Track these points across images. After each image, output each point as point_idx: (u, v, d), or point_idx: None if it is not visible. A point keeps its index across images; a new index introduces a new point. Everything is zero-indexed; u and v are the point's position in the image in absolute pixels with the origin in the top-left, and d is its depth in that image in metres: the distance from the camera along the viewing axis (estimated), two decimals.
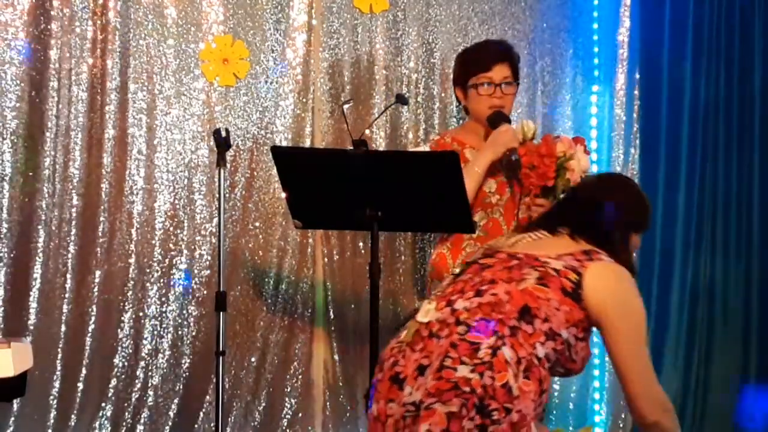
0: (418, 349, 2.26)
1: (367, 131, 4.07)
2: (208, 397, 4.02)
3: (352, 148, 2.85)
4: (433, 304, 2.33)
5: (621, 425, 4.41)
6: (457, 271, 2.45)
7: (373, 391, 2.32)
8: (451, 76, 3.54)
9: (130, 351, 3.99)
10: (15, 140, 3.88)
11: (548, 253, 2.33)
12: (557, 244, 2.38)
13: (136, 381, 3.99)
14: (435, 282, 3.34)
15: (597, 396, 4.41)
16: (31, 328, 3.87)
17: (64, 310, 3.92)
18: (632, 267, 2.41)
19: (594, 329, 2.35)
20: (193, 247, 4.06)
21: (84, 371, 3.93)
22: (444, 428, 2.12)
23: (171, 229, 4.04)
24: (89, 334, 3.95)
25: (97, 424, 3.94)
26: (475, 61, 3.33)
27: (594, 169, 4.47)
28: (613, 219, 2.42)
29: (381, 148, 4.14)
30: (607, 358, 3.71)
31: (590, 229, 2.39)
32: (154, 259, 4.02)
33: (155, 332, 4.02)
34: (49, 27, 3.91)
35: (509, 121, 3.26)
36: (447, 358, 2.18)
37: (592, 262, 2.30)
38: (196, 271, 4.06)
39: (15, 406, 3.84)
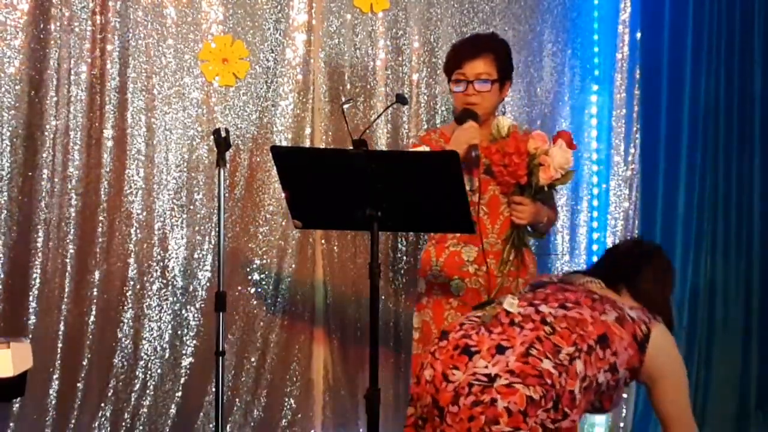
0: (496, 332, 2.40)
1: (368, 131, 4.07)
2: (207, 397, 4.02)
3: (352, 148, 2.85)
4: (516, 300, 2.52)
5: (621, 425, 4.41)
6: (532, 283, 2.73)
7: (427, 357, 2.45)
8: None
9: (130, 351, 4.00)
10: (14, 140, 3.88)
11: (623, 302, 2.59)
12: (624, 300, 2.63)
13: (136, 381, 3.99)
14: (420, 279, 3.36)
15: None
16: (31, 328, 3.87)
17: (64, 310, 3.92)
18: (672, 324, 2.71)
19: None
20: (192, 247, 4.06)
21: (83, 371, 3.93)
22: (521, 409, 2.23)
23: (170, 229, 4.04)
24: (88, 334, 3.95)
25: (96, 424, 3.93)
26: (450, 59, 3.32)
27: (594, 169, 4.48)
28: (659, 282, 2.73)
29: (381, 148, 4.14)
30: None
31: (645, 291, 2.68)
32: (154, 259, 4.02)
33: (155, 332, 4.02)
34: (48, 27, 3.90)
35: (477, 118, 3.18)
36: (533, 348, 2.33)
37: (656, 323, 2.57)
38: (195, 271, 4.06)
39: (14, 406, 3.84)
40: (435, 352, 2.41)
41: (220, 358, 3.34)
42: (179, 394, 4.03)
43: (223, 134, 3.38)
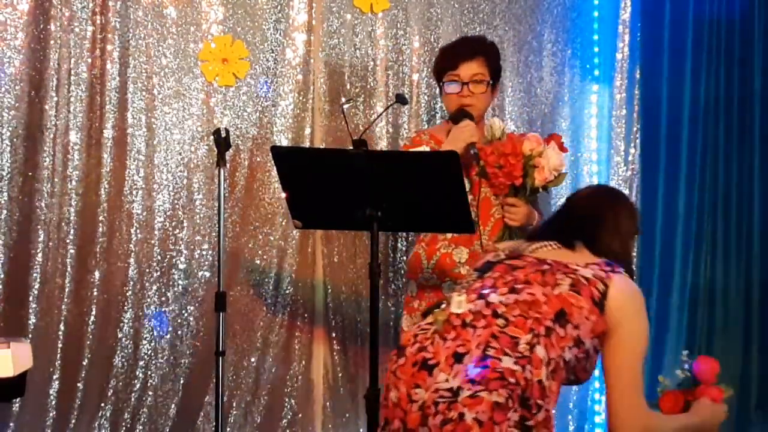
0: (450, 338, 2.29)
1: (368, 131, 4.07)
2: (207, 397, 4.02)
3: (352, 148, 2.85)
4: (464, 296, 2.37)
5: None
6: (479, 267, 2.51)
7: (390, 377, 2.34)
8: None
9: (130, 351, 4.00)
10: (14, 140, 3.88)
11: (577, 261, 2.41)
12: (580, 256, 2.46)
13: (136, 381, 3.99)
14: (410, 282, 3.35)
15: (597, 396, 4.41)
16: (31, 328, 3.87)
17: (64, 310, 3.92)
18: (633, 272, 2.52)
19: None
20: (192, 247, 4.06)
21: (83, 371, 3.93)
22: (489, 417, 2.16)
23: (170, 229, 4.04)
24: (88, 334, 3.95)
25: (96, 425, 3.93)
26: (444, 59, 3.31)
27: (594, 169, 4.48)
28: (619, 230, 2.53)
29: (381, 148, 4.14)
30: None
31: (603, 243, 2.50)
32: (154, 259, 4.02)
33: (155, 332, 4.02)
34: (48, 27, 3.90)
35: (472, 118, 3.18)
36: (489, 348, 2.22)
37: (615, 274, 2.39)
38: (196, 271, 4.06)
39: (14, 406, 3.84)
40: (396, 371, 2.32)
41: (220, 358, 3.34)
42: (179, 394, 4.03)
43: (223, 134, 3.38)
